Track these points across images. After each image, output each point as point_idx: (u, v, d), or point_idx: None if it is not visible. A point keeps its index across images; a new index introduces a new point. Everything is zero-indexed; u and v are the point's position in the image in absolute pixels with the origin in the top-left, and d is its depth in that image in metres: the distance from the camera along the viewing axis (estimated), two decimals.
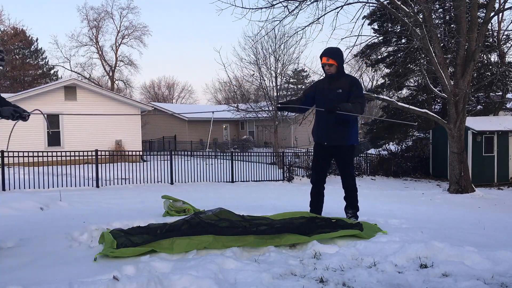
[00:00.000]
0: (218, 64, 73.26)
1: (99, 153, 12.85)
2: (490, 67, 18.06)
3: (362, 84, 36.19)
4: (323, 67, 4.79)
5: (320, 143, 4.88)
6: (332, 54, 4.69)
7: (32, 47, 44.59)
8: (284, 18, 12.31)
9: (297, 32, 13.59)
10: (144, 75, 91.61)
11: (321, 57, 4.77)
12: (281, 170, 15.92)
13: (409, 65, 19.85)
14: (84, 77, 42.47)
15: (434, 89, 14.28)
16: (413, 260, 3.18)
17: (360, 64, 20.25)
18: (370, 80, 39.25)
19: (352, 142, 4.81)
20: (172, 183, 13.41)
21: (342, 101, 4.60)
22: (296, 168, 16.59)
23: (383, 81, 22.58)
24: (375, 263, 3.15)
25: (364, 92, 21.33)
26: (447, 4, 17.36)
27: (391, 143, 22.61)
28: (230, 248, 3.48)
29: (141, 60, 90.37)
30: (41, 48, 45.50)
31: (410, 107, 13.77)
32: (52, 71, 46.25)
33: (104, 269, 3.01)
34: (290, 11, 11.85)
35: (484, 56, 17.63)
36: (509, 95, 20.02)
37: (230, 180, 14.61)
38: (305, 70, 35.92)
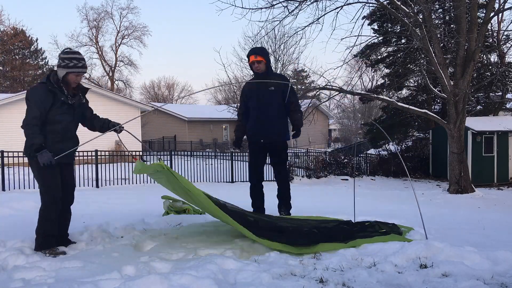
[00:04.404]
0: (218, 64, 73.21)
1: (99, 153, 12.85)
2: (490, 67, 18.04)
3: (362, 84, 36.31)
4: (251, 66, 4.83)
5: (256, 142, 4.91)
6: (260, 51, 4.79)
7: (32, 47, 44.53)
8: (284, 18, 12.32)
9: (297, 32, 13.57)
10: (144, 75, 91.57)
11: (248, 56, 4.79)
12: None
13: (409, 65, 19.82)
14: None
15: (434, 89, 14.26)
16: (413, 260, 3.18)
17: (360, 64, 20.24)
18: (370, 80, 39.25)
19: (287, 138, 4.95)
20: None
21: (276, 99, 4.66)
22: (296, 168, 16.57)
23: (383, 81, 22.56)
24: (375, 263, 3.15)
25: (364, 92, 21.22)
26: (447, 4, 17.35)
27: (391, 143, 22.58)
28: (230, 248, 3.47)
29: (141, 60, 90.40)
30: (41, 48, 45.47)
31: (410, 107, 13.77)
32: None
33: (105, 269, 3.02)
34: (290, 11, 11.85)
35: (484, 56, 17.60)
36: (509, 95, 19.99)
37: (230, 180, 14.61)
38: (305, 70, 35.87)
